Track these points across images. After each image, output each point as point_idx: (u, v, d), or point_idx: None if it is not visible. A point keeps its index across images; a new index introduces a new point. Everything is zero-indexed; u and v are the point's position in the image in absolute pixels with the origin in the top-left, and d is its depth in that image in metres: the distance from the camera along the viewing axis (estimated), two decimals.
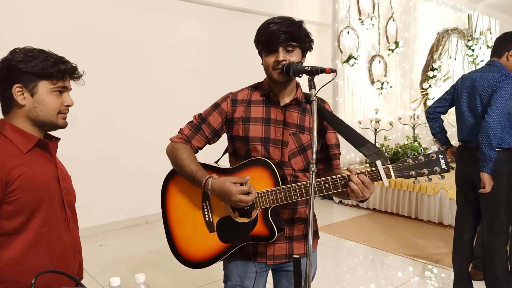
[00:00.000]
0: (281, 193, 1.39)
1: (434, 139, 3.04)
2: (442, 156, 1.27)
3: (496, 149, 2.52)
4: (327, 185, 1.34)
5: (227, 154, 1.64)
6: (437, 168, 1.26)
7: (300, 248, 1.54)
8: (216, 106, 1.54)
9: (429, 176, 1.28)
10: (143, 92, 4.73)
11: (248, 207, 1.41)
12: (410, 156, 1.28)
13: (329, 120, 1.49)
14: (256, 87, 1.56)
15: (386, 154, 5.07)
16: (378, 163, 1.28)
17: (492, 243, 2.63)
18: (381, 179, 1.28)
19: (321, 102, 1.55)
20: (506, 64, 2.59)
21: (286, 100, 1.50)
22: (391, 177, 1.28)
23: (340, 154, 1.61)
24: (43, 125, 1.26)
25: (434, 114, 2.95)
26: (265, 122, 1.49)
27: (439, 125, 2.97)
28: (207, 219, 1.50)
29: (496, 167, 2.54)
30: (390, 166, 1.29)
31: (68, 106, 1.28)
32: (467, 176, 2.76)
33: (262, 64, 1.48)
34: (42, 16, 4.05)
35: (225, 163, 1.61)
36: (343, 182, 1.32)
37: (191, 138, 1.53)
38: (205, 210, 1.50)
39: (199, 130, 1.53)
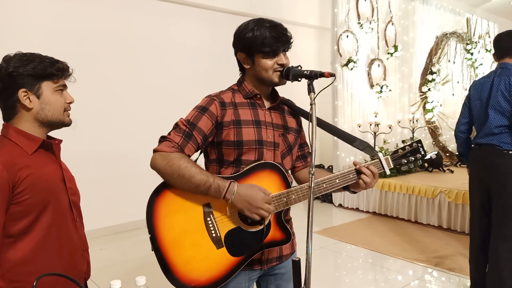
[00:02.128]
0: (293, 194, 1.39)
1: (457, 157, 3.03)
2: (420, 145, 1.54)
3: (510, 151, 2.53)
4: (337, 181, 1.44)
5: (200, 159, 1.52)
6: (419, 155, 1.53)
7: (287, 248, 1.55)
8: (204, 109, 1.41)
9: (415, 162, 1.53)
10: (141, 95, 4.74)
11: None
12: (400, 148, 1.55)
13: (319, 123, 1.51)
14: (235, 89, 1.50)
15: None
16: (380, 155, 1.49)
17: (499, 248, 2.58)
18: (384, 169, 1.49)
19: (291, 103, 1.60)
20: None
21: (269, 102, 1.52)
22: (391, 166, 1.51)
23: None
24: (51, 124, 1.29)
25: (465, 133, 2.88)
26: (255, 124, 1.45)
27: (470, 145, 2.89)
28: (214, 234, 1.36)
29: (507, 170, 2.54)
30: (389, 157, 1.52)
31: (70, 103, 1.32)
32: (480, 178, 2.74)
33: (247, 66, 1.45)
34: (40, 18, 4.07)
35: None
36: (351, 176, 1.45)
37: (183, 147, 1.36)
38: (210, 225, 1.36)
39: (190, 137, 1.38)
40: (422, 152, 1.52)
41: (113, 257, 3.83)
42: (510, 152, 2.53)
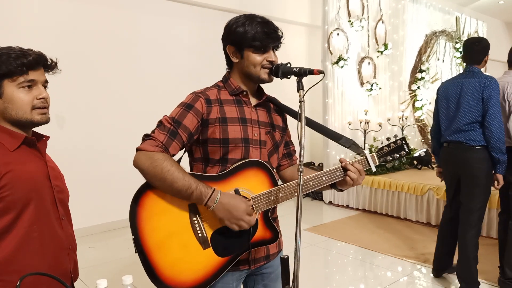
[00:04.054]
0: (280, 192, 1.37)
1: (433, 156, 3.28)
2: (404, 142, 1.56)
3: (477, 147, 2.76)
4: (324, 178, 1.43)
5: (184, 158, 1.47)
6: (403, 152, 1.54)
7: (274, 247, 1.53)
8: (189, 107, 1.37)
9: (400, 159, 1.55)
10: (133, 93, 4.70)
11: None
12: (385, 145, 1.56)
13: (305, 121, 1.51)
14: (220, 86, 1.47)
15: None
16: (366, 152, 1.49)
17: (466, 235, 2.85)
18: (370, 166, 1.48)
19: (276, 101, 1.58)
20: (481, 67, 2.88)
21: (255, 99, 1.50)
22: (376, 163, 1.51)
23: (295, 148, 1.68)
24: (20, 123, 1.22)
25: (438, 133, 3.08)
26: (241, 122, 1.42)
27: (440, 145, 3.12)
28: (200, 235, 1.32)
29: (475, 164, 2.77)
30: (374, 154, 1.52)
31: (43, 98, 1.23)
32: (452, 174, 2.96)
33: (236, 60, 1.42)
34: (36, 15, 4.01)
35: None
36: (338, 173, 1.44)
37: (168, 146, 1.32)
38: (196, 225, 1.33)
39: (175, 135, 1.33)
40: (406, 149, 1.54)
41: (101, 256, 3.79)
42: (477, 147, 2.75)
